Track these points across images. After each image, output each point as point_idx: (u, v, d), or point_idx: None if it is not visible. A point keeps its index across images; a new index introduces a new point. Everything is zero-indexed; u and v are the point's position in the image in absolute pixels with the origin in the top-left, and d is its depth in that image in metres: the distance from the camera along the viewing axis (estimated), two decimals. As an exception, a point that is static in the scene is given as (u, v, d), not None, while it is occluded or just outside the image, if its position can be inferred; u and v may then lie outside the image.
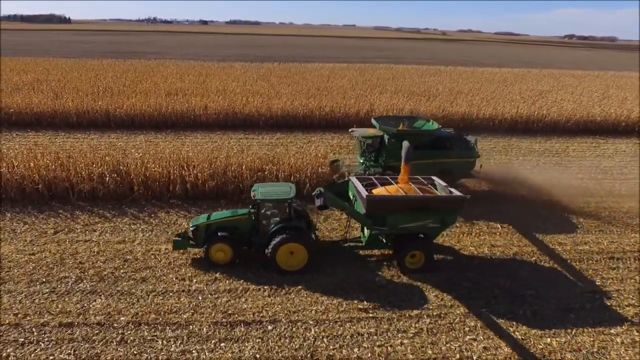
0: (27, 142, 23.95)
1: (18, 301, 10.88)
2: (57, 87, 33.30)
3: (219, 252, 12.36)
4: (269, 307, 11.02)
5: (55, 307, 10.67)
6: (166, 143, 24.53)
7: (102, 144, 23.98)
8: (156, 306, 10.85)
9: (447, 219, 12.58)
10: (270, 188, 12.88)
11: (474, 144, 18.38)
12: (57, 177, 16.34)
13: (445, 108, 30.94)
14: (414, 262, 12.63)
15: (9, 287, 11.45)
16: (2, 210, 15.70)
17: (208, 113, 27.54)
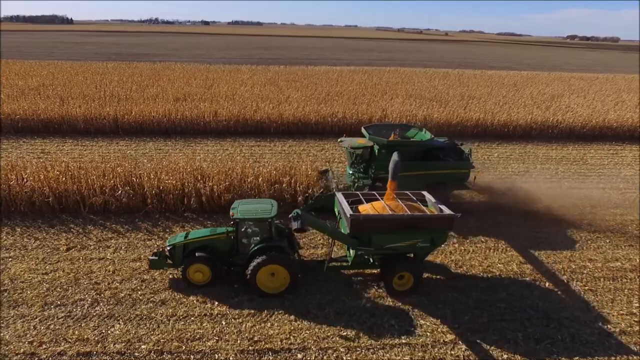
0: (35, 150, 23.49)
1: (32, 327, 10.35)
2: (63, 92, 32.83)
3: (197, 273, 11.74)
4: (296, 332, 10.48)
5: (72, 334, 10.12)
6: (176, 151, 24.05)
7: (111, 152, 23.50)
8: (178, 332, 10.30)
9: (436, 239, 11.84)
10: (251, 205, 12.16)
11: (468, 154, 17.61)
12: (68, 190, 15.82)
13: (459, 114, 30.36)
14: (402, 284, 11.90)
15: (23, 310, 10.91)
16: (12, 225, 15.20)
17: (218, 119, 27.00)
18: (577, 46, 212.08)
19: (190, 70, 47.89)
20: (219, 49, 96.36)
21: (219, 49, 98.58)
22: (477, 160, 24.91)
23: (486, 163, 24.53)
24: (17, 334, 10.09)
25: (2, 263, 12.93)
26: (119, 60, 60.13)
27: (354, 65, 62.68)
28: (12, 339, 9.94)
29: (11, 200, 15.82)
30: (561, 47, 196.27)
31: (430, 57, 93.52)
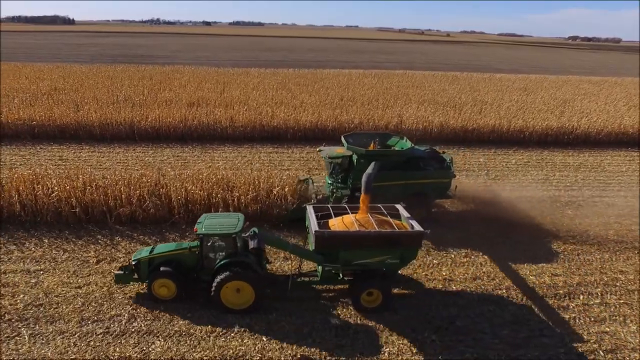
0: (53, 157, 23.40)
1: (73, 343, 10.26)
2: (76, 97, 32.75)
3: (162, 288, 11.59)
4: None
5: (114, 351, 10.03)
6: (194, 157, 23.97)
7: (129, 158, 23.41)
8: (220, 349, 10.19)
9: (405, 255, 11.62)
10: (217, 220, 11.94)
11: (449, 163, 17.36)
12: (94, 201, 15.71)
13: (475, 120, 30.26)
14: (371, 301, 11.58)
15: (61, 326, 10.81)
16: (39, 235, 15.10)
17: (235, 126, 26.89)
18: (580, 47, 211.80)
19: (199, 73, 47.74)
20: (224, 51, 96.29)
21: (224, 50, 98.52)
22: (496, 167, 24.93)
23: (506, 170, 24.48)
24: (59, 351, 10.00)
25: (34, 276, 12.83)
26: (125, 62, 60.01)
27: (361, 68, 62.51)
28: (54, 356, 9.84)
29: (37, 211, 15.73)
30: (564, 48, 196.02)
31: (435, 60, 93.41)
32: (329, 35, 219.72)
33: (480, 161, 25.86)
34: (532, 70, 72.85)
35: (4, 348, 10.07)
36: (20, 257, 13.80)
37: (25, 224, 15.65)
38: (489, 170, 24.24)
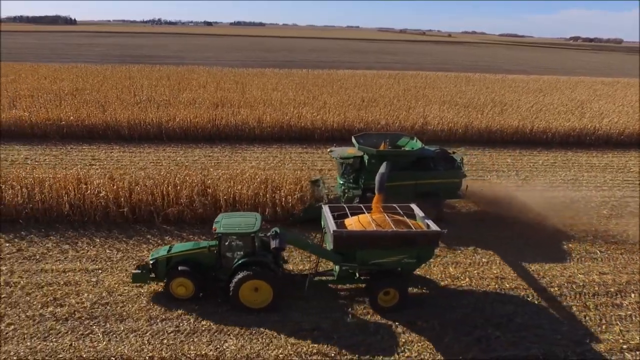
0: (85, 157, 23.50)
1: (147, 341, 10.36)
2: (99, 97, 32.89)
3: (180, 287, 11.64)
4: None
5: (189, 349, 10.14)
6: (225, 157, 24.11)
7: (161, 159, 23.53)
8: (294, 346, 10.31)
9: (422, 255, 11.68)
10: (235, 219, 12.05)
11: (460, 163, 17.42)
12: (141, 200, 15.83)
13: (498, 121, 30.43)
14: (388, 300, 11.62)
15: (131, 324, 10.92)
16: (89, 235, 15.21)
17: (263, 126, 27.03)
18: (583, 48, 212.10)
19: (215, 74, 47.89)
20: (230, 51, 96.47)
21: (230, 50, 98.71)
22: (524, 167, 25.09)
23: (534, 171, 24.64)
24: (135, 349, 10.10)
25: (93, 275, 12.95)
26: (133, 62, 60.01)
27: (371, 69, 62.63)
28: (131, 354, 9.96)
29: (85, 210, 15.84)
30: (567, 49, 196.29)
31: (442, 60, 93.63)
32: (331, 35, 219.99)
33: (507, 162, 26.01)
34: (541, 72, 73.04)
35: (81, 345, 10.19)
36: (76, 256, 13.92)
37: (74, 223, 15.77)
38: (518, 170, 24.41)
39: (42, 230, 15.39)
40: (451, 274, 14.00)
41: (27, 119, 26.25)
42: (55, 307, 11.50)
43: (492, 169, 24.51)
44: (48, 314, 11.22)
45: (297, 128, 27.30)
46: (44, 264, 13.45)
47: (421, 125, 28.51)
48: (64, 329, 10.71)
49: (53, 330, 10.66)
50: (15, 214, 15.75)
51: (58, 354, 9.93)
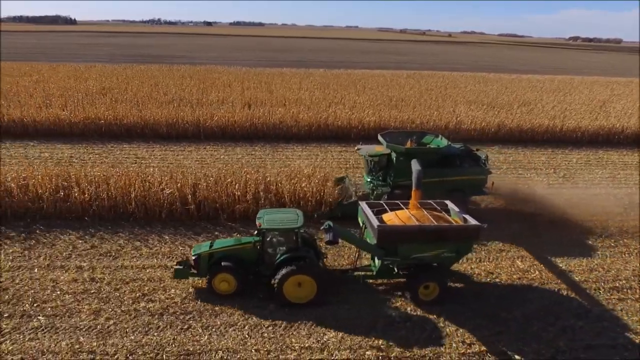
0: (129, 155, 23.61)
1: (247, 335, 10.57)
2: (129, 96, 32.97)
3: (222, 283, 11.75)
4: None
5: (291, 342, 10.36)
6: (267, 156, 24.29)
7: (204, 157, 23.75)
8: (386, 336, 10.54)
9: (462, 249, 11.89)
10: (276, 215, 12.22)
11: (484, 160, 17.65)
12: (207, 198, 16.00)
13: (529, 120, 30.72)
14: (428, 294, 11.84)
15: (226, 319, 11.10)
16: (157, 232, 15.36)
17: (300, 125, 27.22)
18: (583, 48, 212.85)
19: (236, 73, 48.01)
20: (237, 51, 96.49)
21: (236, 50, 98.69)
22: (560, 166, 25.36)
23: (571, 169, 24.93)
24: (237, 342, 10.30)
25: (173, 271, 13.07)
26: (145, 62, 59.92)
27: (385, 68, 62.88)
28: (236, 347, 10.17)
29: (150, 208, 15.99)
30: (569, 49, 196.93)
31: (452, 60, 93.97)
32: (332, 35, 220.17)
33: (542, 160, 26.29)
34: (549, 71, 73.47)
35: (184, 339, 10.37)
36: (150, 253, 14.08)
37: (140, 221, 15.93)
38: (555, 169, 24.70)
39: (109, 228, 15.53)
40: (520, 267, 14.29)
41: (67, 118, 26.33)
42: (147, 302, 11.67)
43: (530, 167, 24.78)
44: (142, 309, 11.40)
45: (334, 127, 27.49)
46: (122, 261, 13.60)
47: (455, 125, 28.74)
48: (162, 324, 10.89)
49: (152, 325, 10.84)
50: (81, 211, 15.91)
51: (164, 348, 10.10)
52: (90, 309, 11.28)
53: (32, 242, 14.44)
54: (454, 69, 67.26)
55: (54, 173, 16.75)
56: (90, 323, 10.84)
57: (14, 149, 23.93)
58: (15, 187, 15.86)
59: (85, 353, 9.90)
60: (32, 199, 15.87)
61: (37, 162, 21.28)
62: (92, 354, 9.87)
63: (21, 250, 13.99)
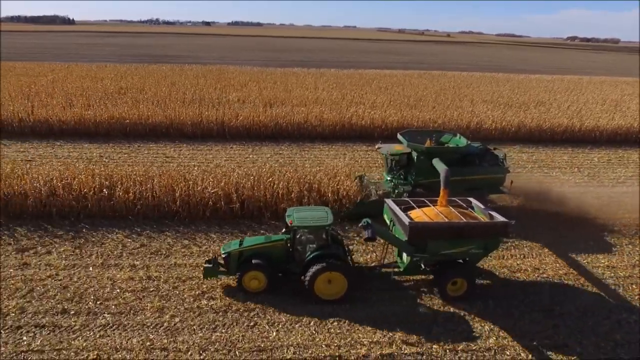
0: (157, 154, 23.67)
1: (315, 331, 10.75)
2: (149, 96, 33.02)
3: (253, 281, 11.86)
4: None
5: (360, 337, 10.53)
6: (294, 155, 24.43)
7: (233, 156, 23.83)
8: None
9: (489, 245, 12.04)
10: (306, 213, 12.34)
11: (503, 159, 17.81)
12: (251, 197, 16.12)
13: (548, 120, 30.99)
14: (456, 290, 12.02)
15: (291, 316, 11.24)
16: (203, 230, 15.46)
17: (324, 124, 27.37)
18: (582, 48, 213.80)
19: (250, 73, 48.13)
20: (245, 51, 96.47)
21: (245, 50, 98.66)
22: (582, 165, 25.60)
23: (594, 168, 25.18)
24: (306, 338, 10.47)
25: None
26: (152, 62, 59.90)
27: (392, 68, 63.04)
28: (306, 342, 10.34)
29: (194, 207, 16.09)
30: (568, 49, 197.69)
31: (458, 60, 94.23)
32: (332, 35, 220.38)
33: (564, 159, 26.52)
34: (554, 71, 73.90)
35: (253, 336, 10.50)
36: (201, 251, 14.18)
37: (185, 220, 16.03)
38: (579, 167, 24.94)
39: (154, 227, 15.63)
40: (564, 263, 14.56)
41: (92, 118, 26.37)
42: (208, 300, 11.79)
43: (553, 166, 25.01)
44: (204, 306, 11.52)
45: (358, 126, 27.65)
46: (174, 259, 13.70)
47: (476, 124, 28.96)
48: (227, 321, 11.02)
49: (218, 322, 10.96)
50: (125, 211, 16.00)
51: (235, 344, 10.23)
52: (153, 307, 11.39)
53: (81, 241, 14.53)
54: (459, 69, 67.51)
55: (97, 172, 16.82)
56: (156, 320, 10.96)
57: (42, 148, 23.98)
58: (61, 186, 15.92)
59: (158, 350, 10.02)
60: (76, 197, 15.96)
61: (68, 161, 21.32)
62: (165, 351, 9.99)
63: (72, 248, 14.09)
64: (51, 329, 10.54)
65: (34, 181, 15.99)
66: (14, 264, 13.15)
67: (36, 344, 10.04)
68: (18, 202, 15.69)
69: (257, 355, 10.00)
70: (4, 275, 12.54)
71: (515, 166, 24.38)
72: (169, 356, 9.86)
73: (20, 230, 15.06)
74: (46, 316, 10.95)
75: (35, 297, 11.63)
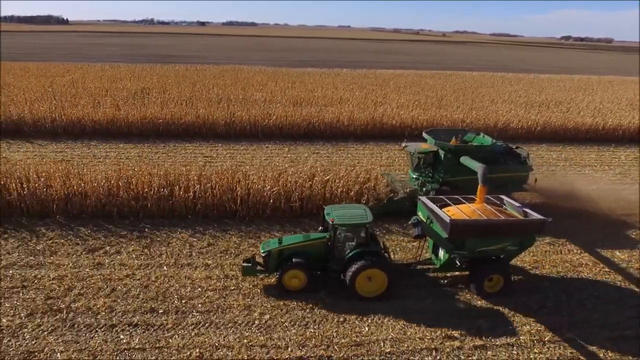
0: (195, 154, 23.72)
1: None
2: (173, 96, 33.01)
3: (293, 279, 11.92)
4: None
5: (452, 330, 10.78)
6: (331, 154, 24.60)
7: (273, 155, 23.98)
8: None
9: (525, 242, 12.27)
10: (345, 211, 12.41)
11: (526, 157, 18.20)
12: (311, 195, 16.27)
13: (570, 118, 31.44)
14: (492, 286, 12.19)
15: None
16: (265, 229, 15.58)
17: (355, 124, 27.56)
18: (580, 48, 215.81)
19: (268, 73, 48.32)
20: (251, 51, 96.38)
21: (250, 51, 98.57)
22: (611, 163, 26.02)
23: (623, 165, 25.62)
24: (399, 331, 10.68)
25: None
26: (160, 62, 59.77)
27: (402, 68, 63.45)
28: (401, 336, 10.54)
29: (252, 206, 16.20)
30: (564, 48, 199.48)
31: (462, 60, 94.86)
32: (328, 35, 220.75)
33: (592, 157, 26.94)
34: (561, 71, 74.69)
35: (343, 330, 10.68)
36: (269, 250, 14.31)
37: (244, 219, 16.14)
38: (609, 165, 25.36)
39: (215, 226, 15.72)
40: (620, 257, 14.92)
41: (124, 118, 26.34)
42: (292, 298, 11.88)
43: (583, 164, 25.40)
44: (290, 304, 11.65)
45: (389, 126, 27.88)
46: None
47: (504, 123, 29.30)
48: (316, 317, 11.21)
49: (308, 319, 11.14)
50: (185, 210, 16.08)
51: (331, 339, 10.39)
52: (239, 305, 11.51)
53: (147, 241, 14.60)
54: (466, 69, 67.99)
55: (154, 172, 16.87)
56: (246, 318, 11.08)
57: (77, 148, 23.91)
58: (121, 185, 15.96)
59: (257, 347, 10.14)
60: (135, 197, 16.00)
61: (110, 161, 21.35)
62: (265, 348, 10.12)
63: (141, 248, 14.15)
64: (145, 328, 10.63)
65: (94, 181, 16.00)
66: (88, 263, 13.21)
67: (135, 342, 10.13)
68: (78, 202, 15.73)
69: (355, 349, 10.17)
70: (82, 275, 12.60)
71: (548, 165, 24.86)
72: (269, 353, 9.99)
73: (84, 230, 15.10)
74: (136, 315, 11.04)
75: (120, 297, 11.71)
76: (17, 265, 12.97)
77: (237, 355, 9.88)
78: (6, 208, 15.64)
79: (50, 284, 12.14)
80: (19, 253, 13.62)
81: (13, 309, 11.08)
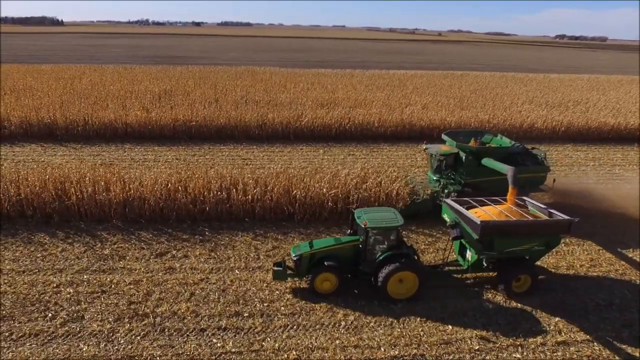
0: (232, 156, 23.84)
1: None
2: (198, 98, 33.04)
3: (325, 282, 11.96)
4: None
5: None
6: (366, 155, 24.82)
7: (311, 156, 24.14)
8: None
9: (551, 242, 12.44)
10: (375, 214, 12.43)
11: (543, 158, 18.42)
12: (367, 197, 16.43)
13: (592, 118, 31.86)
14: (520, 286, 12.36)
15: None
16: (323, 231, 15.74)
17: (385, 125, 27.78)
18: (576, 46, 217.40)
19: (284, 74, 48.38)
20: (257, 52, 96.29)
21: (257, 51, 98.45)
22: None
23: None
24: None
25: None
26: (168, 64, 59.75)
27: (408, 69, 63.77)
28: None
29: (309, 209, 16.34)
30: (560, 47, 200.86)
31: (465, 60, 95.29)
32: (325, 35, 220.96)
33: (618, 157, 27.33)
34: (566, 70, 75.43)
35: (429, 329, 10.90)
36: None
37: (302, 221, 16.26)
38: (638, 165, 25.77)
39: (274, 228, 15.86)
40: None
41: (156, 121, 26.36)
42: (369, 298, 12.08)
43: (612, 164, 25.75)
44: (370, 304, 11.83)
45: (418, 127, 28.13)
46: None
47: (529, 124, 29.65)
48: (399, 317, 11.40)
49: (392, 319, 11.31)
50: (242, 213, 16.20)
51: (421, 338, 10.63)
52: (322, 307, 11.66)
53: (212, 244, 14.71)
54: (472, 69, 68.45)
55: (211, 175, 16.97)
56: (331, 320, 11.25)
57: (113, 152, 23.92)
58: (180, 189, 16.05)
59: (351, 348, 10.31)
60: (193, 200, 16.10)
61: (147, 164, 21.40)
62: (359, 348, 10.29)
63: (207, 252, 14.27)
64: (235, 331, 10.75)
65: (154, 184, 16.08)
66: (160, 268, 13.31)
67: (230, 346, 10.25)
68: (137, 206, 15.80)
69: (445, 347, 10.41)
70: (157, 279, 12.70)
71: (579, 165, 25.21)
72: (364, 353, 10.17)
73: (145, 234, 15.19)
74: (222, 319, 11.16)
75: (201, 301, 11.82)
76: (89, 270, 13.05)
77: (334, 356, 10.04)
78: (65, 212, 15.71)
79: (128, 289, 12.23)
80: (88, 257, 13.71)
81: (99, 314, 11.18)
